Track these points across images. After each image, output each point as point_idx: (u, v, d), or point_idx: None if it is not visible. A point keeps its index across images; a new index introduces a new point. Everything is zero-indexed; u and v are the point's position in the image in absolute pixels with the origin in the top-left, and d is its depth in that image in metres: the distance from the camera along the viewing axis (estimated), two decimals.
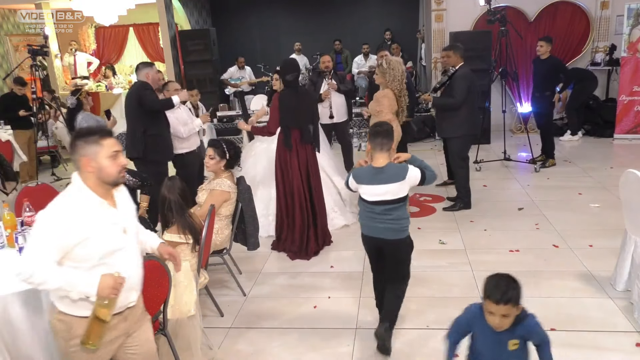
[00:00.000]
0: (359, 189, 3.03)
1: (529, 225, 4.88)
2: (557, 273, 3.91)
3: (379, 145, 2.94)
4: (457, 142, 5.31)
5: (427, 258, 4.31)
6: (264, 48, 12.23)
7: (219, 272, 4.21)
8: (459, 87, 5.08)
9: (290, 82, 4.46)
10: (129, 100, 4.67)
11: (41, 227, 1.97)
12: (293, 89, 4.48)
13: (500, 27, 6.66)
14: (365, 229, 3.08)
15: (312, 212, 4.62)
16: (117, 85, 10.79)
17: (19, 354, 2.57)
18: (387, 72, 5.07)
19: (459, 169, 5.37)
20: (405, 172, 2.91)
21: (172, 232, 3.05)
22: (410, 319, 3.42)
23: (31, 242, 2.00)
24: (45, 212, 1.99)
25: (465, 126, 5.22)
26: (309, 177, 4.59)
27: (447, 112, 5.26)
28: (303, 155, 4.53)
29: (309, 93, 4.70)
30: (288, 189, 4.57)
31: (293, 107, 4.42)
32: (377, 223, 2.98)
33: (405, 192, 2.95)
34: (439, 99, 5.32)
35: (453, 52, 5.22)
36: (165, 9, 9.48)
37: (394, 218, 2.96)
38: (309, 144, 4.56)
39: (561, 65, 6.86)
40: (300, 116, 4.46)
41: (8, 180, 6.56)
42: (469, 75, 5.13)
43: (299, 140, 4.50)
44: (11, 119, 7.52)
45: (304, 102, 4.49)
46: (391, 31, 10.62)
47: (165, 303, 2.75)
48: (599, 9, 8.33)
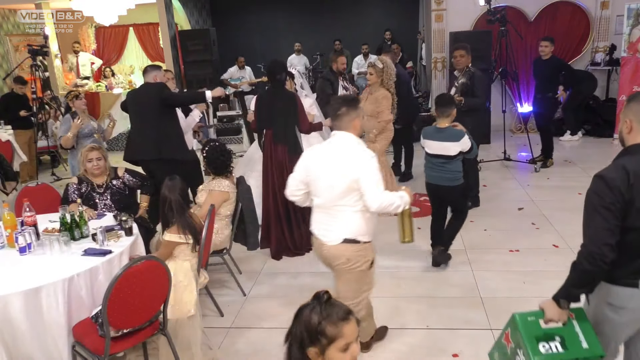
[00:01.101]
0: (425, 144, 4.00)
1: (529, 225, 4.88)
2: (557, 273, 3.87)
3: (441, 112, 3.87)
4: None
5: (427, 258, 4.30)
6: (264, 48, 12.22)
7: (219, 272, 4.21)
8: (482, 87, 5.04)
9: (277, 82, 4.47)
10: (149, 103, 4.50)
11: None
12: (275, 88, 4.49)
13: (500, 27, 6.65)
14: (428, 178, 4.09)
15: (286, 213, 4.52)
16: (117, 85, 10.79)
17: (19, 354, 2.57)
18: (384, 72, 5.09)
19: (470, 169, 5.29)
20: (460, 136, 3.79)
21: (172, 232, 3.05)
22: (411, 319, 3.42)
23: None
24: None
25: (480, 127, 5.19)
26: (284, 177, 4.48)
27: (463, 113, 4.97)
28: (277, 156, 4.47)
29: (289, 94, 4.62)
30: (265, 189, 4.55)
31: (268, 107, 4.44)
32: (435, 172, 3.96)
33: (456, 152, 3.82)
34: (470, 100, 5.03)
35: (466, 52, 5.08)
36: (165, 9, 9.48)
37: (449, 170, 3.90)
38: (282, 144, 4.46)
39: (564, 64, 6.83)
40: (274, 115, 4.43)
41: (8, 180, 6.55)
42: (485, 74, 5.09)
43: (272, 139, 4.47)
44: (12, 118, 7.51)
45: (280, 101, 4.45)
46: (391, 31, 10.62)
47: (165, 303, 2.75)
48: (599, 9, 8.32)
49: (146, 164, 4.59)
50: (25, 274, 2.73)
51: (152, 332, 2.77)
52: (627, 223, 1.87)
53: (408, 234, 3.05)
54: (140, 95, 4.70)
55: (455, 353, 3.04)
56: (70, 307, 2.68)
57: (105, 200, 3.80)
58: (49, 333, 2.61)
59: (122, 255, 3.01)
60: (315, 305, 1.49)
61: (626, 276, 1.94)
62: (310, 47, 10.63)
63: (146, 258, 2.67)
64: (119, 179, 3.89)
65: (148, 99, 4.53)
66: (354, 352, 1.48)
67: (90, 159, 3.75)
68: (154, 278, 2.59)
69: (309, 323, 1.46)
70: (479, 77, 5.06)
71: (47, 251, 2.98)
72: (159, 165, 4.46)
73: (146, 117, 4.55)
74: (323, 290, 1.53)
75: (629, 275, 1.93)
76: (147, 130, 4.52)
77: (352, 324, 1.49)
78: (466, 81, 5.09)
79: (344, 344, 1.46)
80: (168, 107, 4.53)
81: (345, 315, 1.49)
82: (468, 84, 5.08)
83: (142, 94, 4.67)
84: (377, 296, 3.75)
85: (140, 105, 4.60)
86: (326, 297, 1.51)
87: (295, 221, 4.55)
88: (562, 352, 1.97)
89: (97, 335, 2.60)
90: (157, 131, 4.49)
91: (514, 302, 3.52)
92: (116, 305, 2.47)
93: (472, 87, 5.05)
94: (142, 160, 4.61)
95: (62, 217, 3.14)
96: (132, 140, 4.79)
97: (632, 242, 1.89)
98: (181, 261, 3.09)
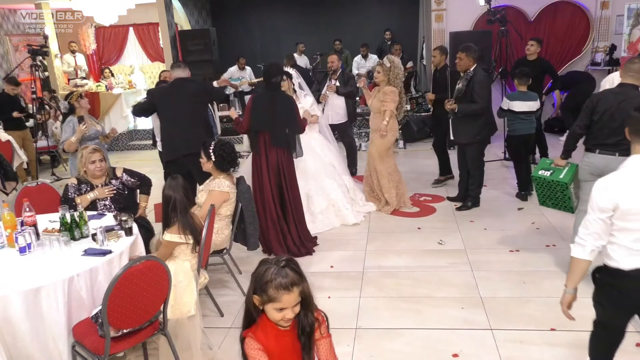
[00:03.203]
0: (511, 105, 5.39)
1: (529, 225, 4.89)
2: (557, 273, 3.91)
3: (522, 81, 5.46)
4: (476, 147, 5.19)
5: (427, 258, 4.31)
6: (264, 48, 12.22)
7: (219, 272, 4.21)
8: (482, 92, 4.91)
9: (272, 85, 4.44)
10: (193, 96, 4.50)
11: None
12: (272, 91, 4.45)
13: (500, 27, 6.66)
14: (516, 131, 5.49)
15: (284, 218, 4.50)
16: (117, 86, 10.79)
17: (19, 354, 2.57)
18: (391, 71, 5.10)
19: (477, 170, 5.29)
20: (537, 97, 5.53)
21: (173, 232, 3.05)
22: (411, 319, 3.42)
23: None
24: None
25: (485, 131, 5.15)
26: (280, 180, 4.47)
27: (467, 117, 5.01)
28: (273, 159, 4.42)
29: (287, 97, 4.59)
30: (258, 192, 4.48)
31: (265, 110, 4.37)
32: (524, 125, 5.45)
33: (537, 107, 5.51)
34: (465, 107, 4.98)
35: (466, 55, 4.96)
36: (165, 9, 9.48)
37: (533, 120, 5.51)
38: (280, 147, 4.43)
39: (549, 66, 6.73)
40: (271, 118, 4.37)
41: (8, 180, 6.55)
42: (487, 77, 5.00)
43: (268, 143, 4.42)
44: (4, 120, 7.45)
45: (279, 104, 4.40)
46: (391, 31, 10.61)
47: (165, 303, 2.75)
48: (599, 9, 8.33)
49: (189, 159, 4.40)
50: (25, 274, 2.73)
51: (152, 332, 2.77)
52: (592, 122, 3.65)
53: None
54: (179, 91, 4.60)
55: (455, 353, 3.04)
56: (70, 307, 2.68)
57: (105, 201, 3.80)
58: (49, 333, 2.61)
59: (122, 255, 3.00)
60: (272, 266, 1.68)
61: (592, 147, 3.68)
62: (311, 47, 10.63)
63: (146, 258, 2.67)
64: (118, 179, 3.89)
65: (192, 94, 4.55)
66: (286, 315, 1.69)
67: (93, 160, 3.75)
68: (154, 278, 2.59)
69: (260, 277, 1.68)
70: (479, 81, 4.92)
71: (47, 251, 2.97)
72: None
73: (191, 112, 4.53)
74: (287, 257, 1.72)
75: (591, 146, 3.68)
76: (193, 124, 4.51)
77: (293, 295, 1.67)
78: (462, 87, 4.99)
79: (279, 307, 1.67)
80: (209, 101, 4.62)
81: (288, 285, 1.66)
82: (462, 90, 4.98)
83: (182, 90, 4.59)
84: (377, 296, 3.76)
85: (183, 100, 4.53)
86: (283, 264, 1.68)
87: (292, 222, 4.54)
88: (547, 175, 4.24)
89: (97, 335, 2.60)
90: (202, 125, 4.55)
91: (514, 302, 3.52)
92: (116, 306, 2.47)
93: (471, 91, 4.93)
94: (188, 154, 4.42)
95: (62, 217, 3.14)
96: (174, 137, 4.62)
97: (594, 130, 3.65)
98: (181, 261, 3.10)
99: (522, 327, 3.24)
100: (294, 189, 4.58)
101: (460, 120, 5.11)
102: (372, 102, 5.32)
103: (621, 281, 2.20)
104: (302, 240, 4.58)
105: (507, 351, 3.02)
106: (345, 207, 5.18)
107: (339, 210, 5.16)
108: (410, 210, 5.47)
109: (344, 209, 5.16)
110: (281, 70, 4.54)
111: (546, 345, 3.05)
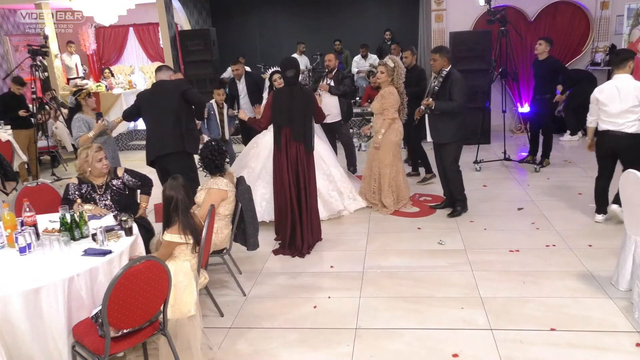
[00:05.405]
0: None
1: (529, 225, 4.89)
2: (557, 273, 3.91)
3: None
4: (454, 147, 5.12)
5: (427, 258, 4.31)
6: (264, 48, 12.21)
7: (219, 272, 4.21)
8: (459, 90, 4.92)
9: (289, 79, 4.49)
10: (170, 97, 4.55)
11: None
12: (290, 86, 4.50)
13: (500, 27, 6.66)
14: None
15: (299, 210, 4.58)
16: (117, 86, 10.79)
17: (19, 354, 2.57)
18: (395, 71, 5.13)
19: (455, 173, 5.19)
20: None
21: (173, 232, 3.05)
22: (411, 319, 3.42)
23: None
24: None
25: (462, 130, 5.11)
26: (299, 175, 4.56)
27: (445, 116, 5.01)
28: (293, 154, 4.51)
29: (305, 91, 4.68)
30: (279, 186, 4.59)
31: (286, 105, 4.44)
32: None
33: None
34: (442, 103, 4.95)
35: (439, 56, 4.97)
36: (165, 9, 9.48)
37: None
38: (300, 142, 4.51)
39: (560, 66, 6.82)
40: (292, 114, 4.45)
41: (8, 180, 6.56)
42: (463, 78, 4.98)
43: (290, 138, 4.49)
44: (11, 119, 7.52)
45: (298, 100, 4.47)
46: (391, 31, 10.61)
47: (165, 303, 2.75)
48: (599, 9, 8.33)
49: (167, 159, 4.53)
50: (25, 274, 2.73)
51: (152, 332, 2.77)
52: None
53: None
54: (157, 91, 4.69)
55: (455, 353, 3.04)
56: (70, 307, 2.68)
57: (105, 201, 3.81)
58: (49, 333, 2.61)
59: (122, 255, 3.01)
60: None
61: None
62: (311, 47, 10.62)
63: (146, 258, 2.66)
64: (119, 179, 3.89)
65: (168, 93, 4.57)
66: None
67: (99, 159, 3.77)
68: (154, 278, 2.59)
69: None
70: (455, 80, 4.93)
71: (47, 251, 2.97)
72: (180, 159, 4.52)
73: (167, 112, 4.56)
74: None
75: None
76: (169, 124, 4.54)
77: None
78: (435, 86, 5.02)
79: None
80: (186, 103, 4.58)
81: None
82: (436, 88, 5.00)
83: (160, 90, 4.67)
84: (377, 296, 3.76)
85: (160, 100, 4.59)
86: None
87: (306, 218, 4.60)
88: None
89: (97, 336, 2.60)
90: (180, 125, 4.54)
91: (514, 302, 3.52)
92: (116, 306, 2.47)
93: (449, 90, 4.94)
94: (165, 155, 4.53)
95: (62, 217, 3.14)
96: (152, 138, 4.69)
97: None
98: (181, 261, 3.10)
99: (522, 327, 3.24)
100: (312, 186, 4.66)
101: (438, 119, 5.07)
102: (373, 104, 5.34)
103: (601, 136, 4.58)
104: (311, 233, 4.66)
105: (507, 351, 3.02)
106: (330, 195, 5.28)
107: (324, 200, 5.22)
108: (410, 210, 5.47)
109: (329, 197, 5.25)
110: (293, 64, 4.56)
111: (546, 345, 3.05)
